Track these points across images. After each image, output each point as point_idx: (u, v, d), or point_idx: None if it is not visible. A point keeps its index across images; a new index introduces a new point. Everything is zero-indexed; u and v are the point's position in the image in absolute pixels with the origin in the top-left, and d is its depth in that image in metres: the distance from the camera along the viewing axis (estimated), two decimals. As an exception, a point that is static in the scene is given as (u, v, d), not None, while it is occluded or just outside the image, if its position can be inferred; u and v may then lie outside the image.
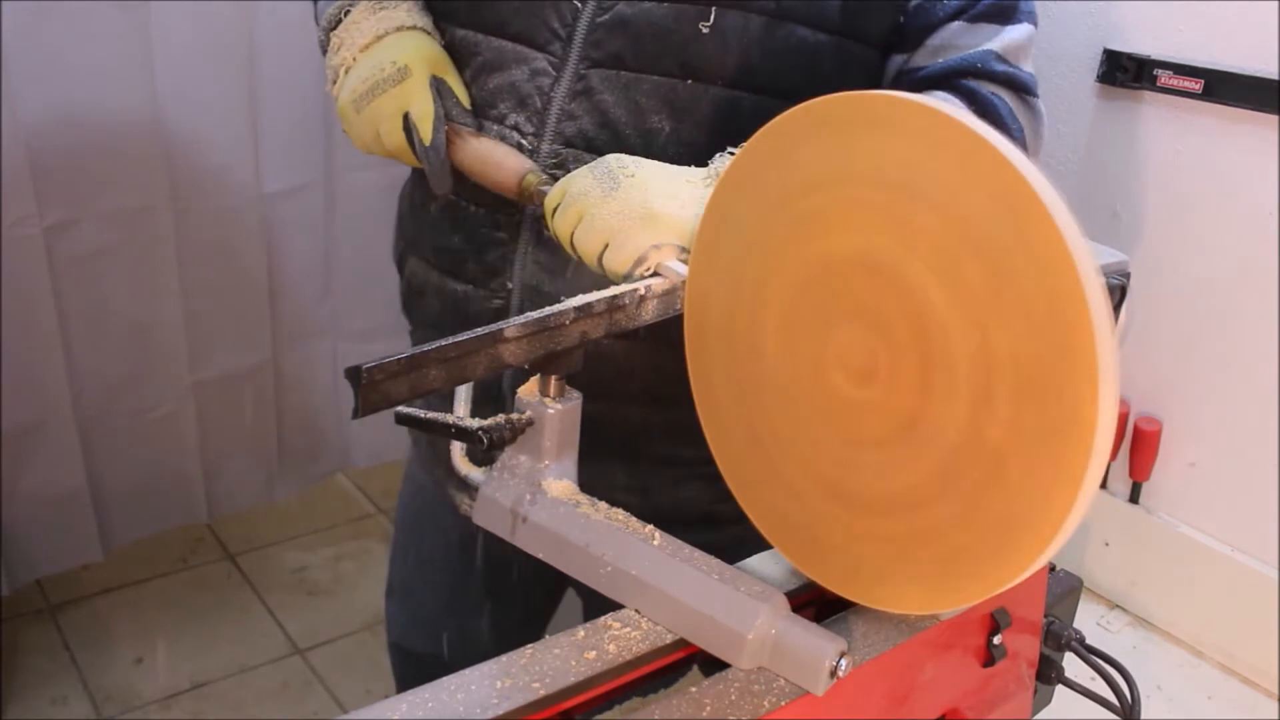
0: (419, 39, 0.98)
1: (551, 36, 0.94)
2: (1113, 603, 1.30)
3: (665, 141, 0.94)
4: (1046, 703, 0.86)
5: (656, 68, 0.93)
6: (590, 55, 0.94)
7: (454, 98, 0.98)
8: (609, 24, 0.93)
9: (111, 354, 1.98)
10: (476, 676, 0.57)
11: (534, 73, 0.95)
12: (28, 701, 1.99)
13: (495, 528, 0.67)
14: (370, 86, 0.95)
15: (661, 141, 0.94)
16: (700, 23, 0.90)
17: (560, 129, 0.95)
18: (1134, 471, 1.27)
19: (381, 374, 0.56)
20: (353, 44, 0.98)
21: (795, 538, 0.65)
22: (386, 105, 0.95)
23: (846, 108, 0.56)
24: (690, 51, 0.91)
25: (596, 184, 0.84)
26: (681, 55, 0.92)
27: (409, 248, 1.10)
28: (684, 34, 0.91)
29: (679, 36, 0.91)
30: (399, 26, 0.98)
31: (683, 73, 0.92)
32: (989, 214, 0.50)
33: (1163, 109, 1.20)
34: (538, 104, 0.95)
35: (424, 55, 0.96)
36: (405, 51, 0.96)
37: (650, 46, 0.92)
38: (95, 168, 1.84)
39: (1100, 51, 1.23)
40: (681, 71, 0.92)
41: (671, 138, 0.93)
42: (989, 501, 0.53)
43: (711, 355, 0.67)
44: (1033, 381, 0.50)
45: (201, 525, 2.35)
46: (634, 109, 0.94)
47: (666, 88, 0.93)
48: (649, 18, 0.91)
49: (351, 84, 0.96)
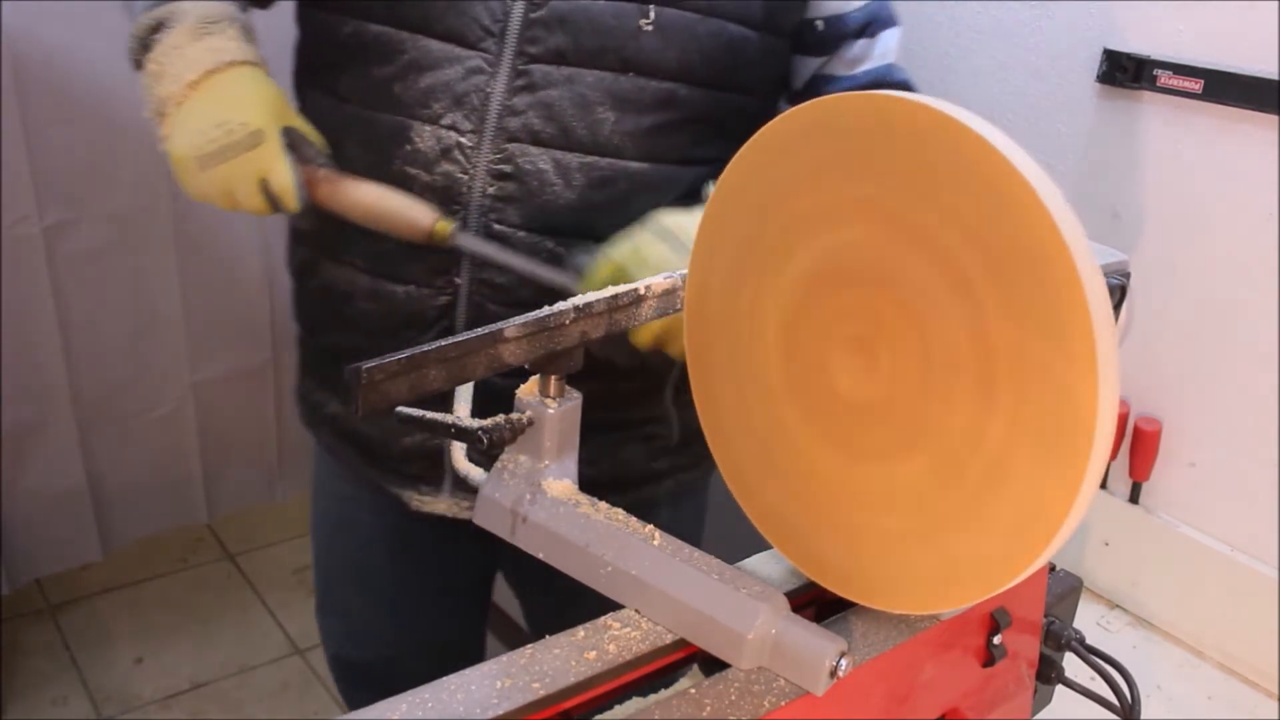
0: (257, 81, 0.94)
1: (484, 34, 0.95)
2: (1113, 603, 1.30)
3: (611, 131, 0.96)
4: (1046, 703, 0.86)
5: (598, 62, 0.95)
6: (527, 51, 0.94)
7: (309, 144, 0.96)
8: (546, 20, 0.94)
9: (111, 354, 1.98)
10: (476, 676, 0.57)
11: (469, 71, 0.95)
12: (28, 701, 2.00)
13: (495, 528, 0.67)
14: (219, 149, 0.90)
15: (607, 132, 0.96)
16: (641, 20, 0.93)
17: (503, 125, 0.96)
18: (1134, 471, 1.27)
19: (381, 374, 0.56)
20: (178, 76, 0.92)
21: (795, 538, 0.65)
22: (241, 169, 0.91)
23: (846, 108, 0.56)
24: (631, 47, 0.94)
25: (674, 252, 0.87)
26: (622, 51, 0.94)
27: (323, 253, 1.07)
28: (624, 31, 0.94)
29: (620, 33, 0.94)
30: (231, 61, 0.93)
31: (624, 67, 0.95)
32: (989, 213, 0.50)
33: (1163, 109, 1.20)
34: (475, 102, 0.95)
35: (271, 108, 0.93)
36: (252, 106, 0.92)
37: (590, 42, 0.94)
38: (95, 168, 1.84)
39: (1100, 51, 1.23)
40: (622, 66, 0.95)
41: (616, 128, 0.96)
42: (989, 501, 0.53)
43: (711, 355, 0.67)
44: (1033, 381, 0.50)
45: (201, 525, 2.36)
46: (579, 101, 0.95)
47: (609, 80, 0.95)
48: (588, 14, 0.93)
49: (192, 139, 0.91)
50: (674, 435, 1.14)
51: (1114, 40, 1.23)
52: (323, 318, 1.11)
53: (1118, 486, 1.31)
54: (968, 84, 1.39)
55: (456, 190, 0.97)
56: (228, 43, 0.93)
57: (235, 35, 0.95)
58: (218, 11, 0.95)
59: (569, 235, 0.98)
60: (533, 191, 0.97)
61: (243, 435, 2.25)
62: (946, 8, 1.39)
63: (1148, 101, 1.21)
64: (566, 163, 0.96)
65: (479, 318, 0.99)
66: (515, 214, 0.97)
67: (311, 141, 0.96)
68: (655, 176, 0.99)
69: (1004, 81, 1.35)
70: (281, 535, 2.51)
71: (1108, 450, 0.50)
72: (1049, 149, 1.31)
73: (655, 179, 0.99)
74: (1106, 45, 1.23)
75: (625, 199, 0.98)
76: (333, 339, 1.11)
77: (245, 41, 0.95)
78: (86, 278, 1.89)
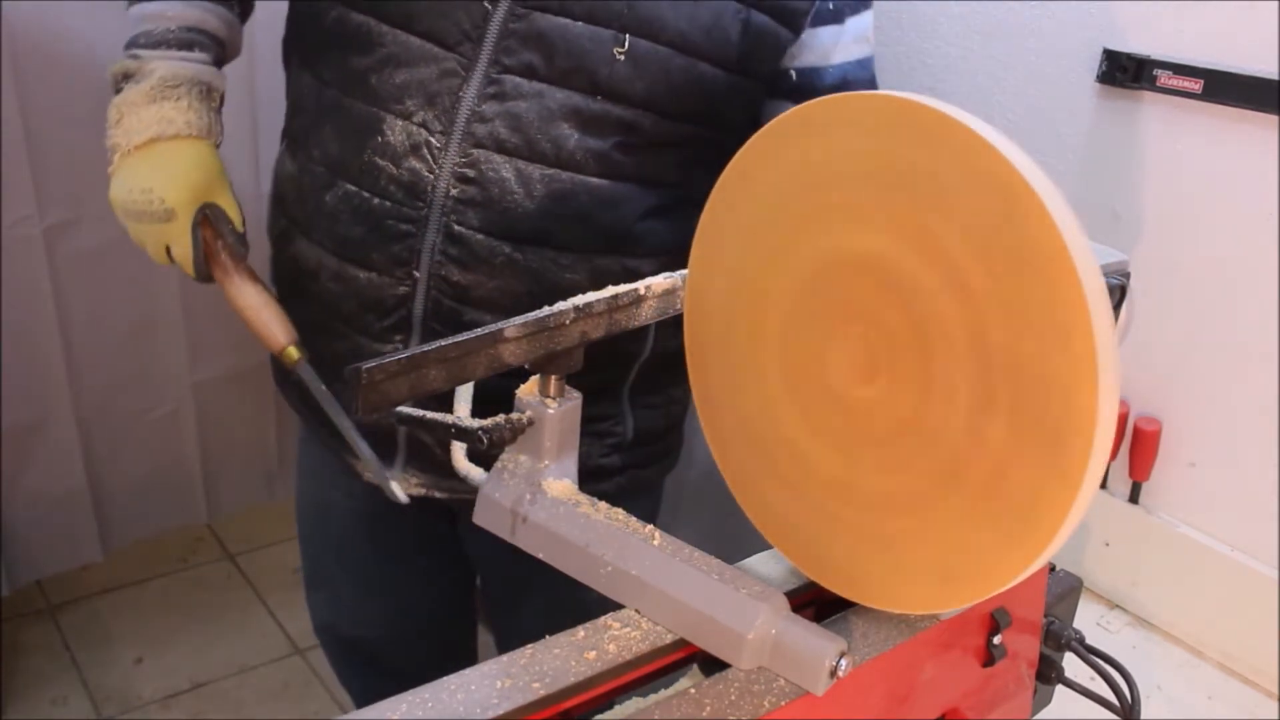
0: (190, 158, 1.01)
1: (462, 37, 0.96)
2: (1113, 603, 1.30)
3: (575, 148, 0.98)
4: (1046, 703, 0.86)
5: (568, 82, 0.96)
6: (501, 60, 0.96)
7: (226, 220, 1.04)
8: (523, 33, 0.95)
9: (111, 354, 1.98)
10: (476, 676, 0.57)
11: (443, 72, 0.97)
12: (28, 701, 1.99)
13: (495, 527, 0.67)
14: (138, 212, 1.01)
15: (570, 147, 0.97)
16: (615, 48, 0.95)
17: (470, 130, 0.97)
18: (1134, 471, 1.27)
19: (381, 374, 0.56)
20: (128, 132, 1.01)
21: (795, 538, 0.65)
22: (152, 234, 1.02)
23: (847, 108, 0.56)
24: (602, 73, 0.96)
25: None
26: (594, 75, 0.96)
27: (296, 228, 1.10)
28: (598, 56, 0.95)
29: (594, 57, 0.95)
30: (175, 134, 1.00)
31: (593, 90, 0.96)
32: (989, 213, 0.50)
33: (1163, 109, 1.20)
34: (446, 103, 0.97)
35: (194, 187, 1.01)
36: (174, 184, 1.00)
37: (564, 62, 0.95)
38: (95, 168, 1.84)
39: (1100, 51, 1.23)
40: (592, 89, 0.96)
41: (580, 144, 0.97)
42: (989, 501, 0.53)
43: (711, 355, 0.67)
44: (1033, 381, 0.50)
45: (201, 525, 2.35)
46: (545, 115, 0.97)
47: (577, 99, 0.96)
48: (565, 34, 0.95)
49: (123, 193, 1.01)
50: (628, 433, 1.15)
51: (1114, 40, 1.22)
52: (292, 290, 1.13)
53: (1118, 486, 1.31)
54: (968, 84, 1.39)
55: (421, 188, 0.98)
56: (178, 114, 1.01)
57: (190, 104, 1.02)
58: (182, 74, 1.02)
59: (526, 243, 1.00)
60: (494, 198, 0.98)
61: (243, 435, 2.24)
62: (946, 8, 1.39)
63: (1147, 101, 1.21)
64: (529, 173, 0.98)
65: (435, 310, 1.02)
66: (475, 218, 0.99)
67: (230, 219, 1.04)
68: (615, 193, 1.00)
69: (1004, 81, 1.34)
70: (281, 535, 2.51)
71: (1108, 450, 0.50)
72: (1049, 149, 1.30)
73: (615, 196, 1.00)
74: (1106, 45, 1.23)
75: (585, 213, 1.00)
76: (300, 313, 1.12)
77: (200, 109, 1.02)
78: (87, 278, 1.89)
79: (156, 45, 1.03)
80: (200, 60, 1.05)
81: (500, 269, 1.00)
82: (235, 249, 1.04)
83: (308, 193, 1.07)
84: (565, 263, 1.01)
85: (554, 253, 1.00)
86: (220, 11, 1.08)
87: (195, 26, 1.05)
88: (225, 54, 1.11)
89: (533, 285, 1.00)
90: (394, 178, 0.99)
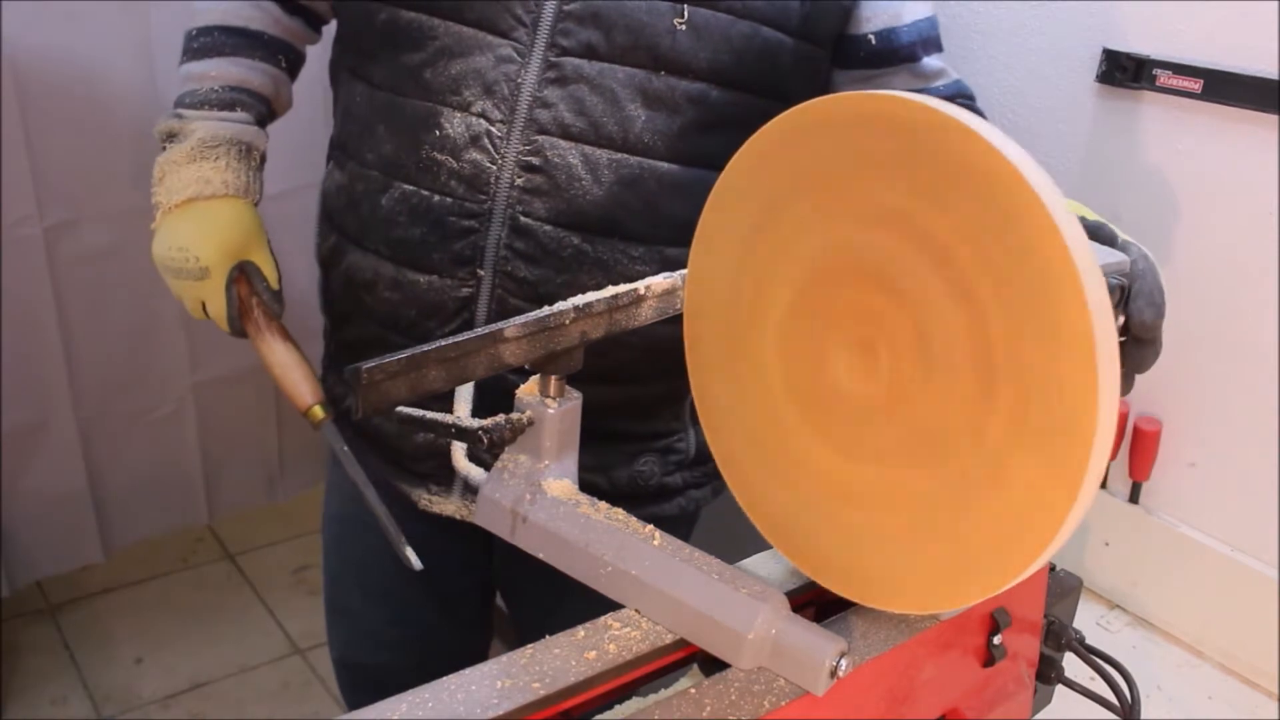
0: (226, 217, 1.03)
1: (515, 23, 0.95)
2: (1113, 603, 1.30)
3: (642, 129, 0.96)
4: (1046, 703, 0.86)
5: (629, 59, 0.94)
6: (559, 43, 0.94)
7: (263, 280, 1.06)
8: (579, 14, 0.94)
9: (111, 354, 1.98)
10: (476, 676, 0.57)
11: (499, 59, 0.95)
12: (28, 701, 2.00)
13: (495, 528, 0.67)
14: (175, 269, 1.04)
15: (638, 129, 0.96)
16: (674, 19, 0.93)
17: (534, 116, 0.95)
18: (1134, 471, 1.27)
19: (381, 374, 0.56)
20: (169, 190, 1.03)
21: (795, 538, 0.65)
22: (189, 290, 1.05)
23: (847, 107, 0.56)
24: (663, 46, 0.94)
25: None
26: (655, 49, 0.94)
27: (347, 240, 1.08)
28: (658, 28, 0.93)
29: (653, 31, 0.93)
30: (213, 194, 1.02)
31: (655, 65, 0.95)
32: (989, 213, 0.50)
33: (1162, 109, 1.20)
34: (505, 91, 0.95)
35: (228, 245, 1.03)
36: (210, 242, 1.02)
37: (623, 39, 0.94)
38: (95, 168, 1.84)
39: (1100, 51, 1.23)
40: (654, 64, 0.95)
41: (648, 125, 0.96)
42: (989, 501, 0.53)
43: (711, 354, 0.67)
44: (1033, 381, 0.50)
45: (201, 525, 2.35)
46: (610, 96, 0.95)
47: (641, 77, 0.94)
48: (621, 10, 0.93)
49: (163, 250, 1.03)
50: (690, 450, 1.13)
51: (1114, 40, 1.22)
52: (345, 309, 1.12)
53: (1118, 486, 1.31)
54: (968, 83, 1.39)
55: (484, 179, 0.97)
56: (215, 174, 1.03)
57: (228, 164, 1.03)
58: (222, 134, 1.04)
59: (595, 233, 0.97)
60: (560, 186, 0.96)
61: (243, 436, 2.25)
62: (946, 8, 1.39)
63: (1147, 101, 1.21)
64: (595, 158, 0.95)
65: (501, 311, 0.99)
66: (542, 207, 0.97)
67: (265, 276, 1.06)
68: (685, 179, 0.98)
69: (1004, 81, 1.34)
70: (281, 535, 2.51)
71: (1108, 450, 0.50)
72: (1049, 149, 1.30)
73: (685, 181, 0.98)
74: (1106, 45, 1.23)
75: (653, 200, 0.98)
76: (354, 331, 1.11)
77: (238, 169, 1.04)
78: (87, 278, 1.89)
79: (199, 105, 1.06)
80: (241, 120, 1.06)
81: (569, 262, 0.97)
82: (269, 306, 1.07)
83: (360, 200, 1.04)
84: (636, 254, 0.99)
85: (624, 244, 0.98)
86: (265, 69, 1.09)
87: (239, 85, 1.07)
88: (272, 110, 1.12)
89: (602, 279, 0.97)
90: (454, 172, 0.97)
